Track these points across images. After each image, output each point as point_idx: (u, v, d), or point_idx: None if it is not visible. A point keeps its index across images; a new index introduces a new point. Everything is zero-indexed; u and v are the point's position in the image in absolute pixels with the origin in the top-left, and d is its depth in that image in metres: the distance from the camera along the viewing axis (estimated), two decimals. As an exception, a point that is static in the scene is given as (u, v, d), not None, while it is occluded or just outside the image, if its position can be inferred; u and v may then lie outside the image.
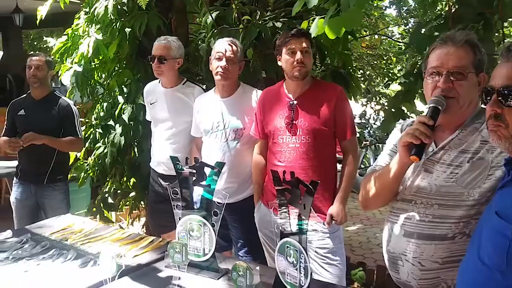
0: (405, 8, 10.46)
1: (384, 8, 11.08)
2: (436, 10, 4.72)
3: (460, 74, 1.50)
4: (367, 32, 11.12)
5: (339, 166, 2.55)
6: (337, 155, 2.58)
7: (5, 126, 3.39)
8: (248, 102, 2.71)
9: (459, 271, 1.36)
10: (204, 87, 3.08)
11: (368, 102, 10.86)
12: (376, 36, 10.75)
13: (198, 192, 2.45)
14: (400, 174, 1.58)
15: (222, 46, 2.65)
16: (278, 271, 1.75)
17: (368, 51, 11.46)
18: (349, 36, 3.61)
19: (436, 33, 2.72)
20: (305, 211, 1.66)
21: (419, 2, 4.06)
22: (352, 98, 3.78)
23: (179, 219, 2.01)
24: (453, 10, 2.82)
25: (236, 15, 3.10)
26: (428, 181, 1.57)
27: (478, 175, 1.48)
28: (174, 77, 2.97)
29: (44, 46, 13.22)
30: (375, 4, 10.51)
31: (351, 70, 3.83)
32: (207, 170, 1.99)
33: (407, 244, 1.58)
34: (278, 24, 3.22)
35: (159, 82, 3.06)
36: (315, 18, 2.40)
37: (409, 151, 1.46)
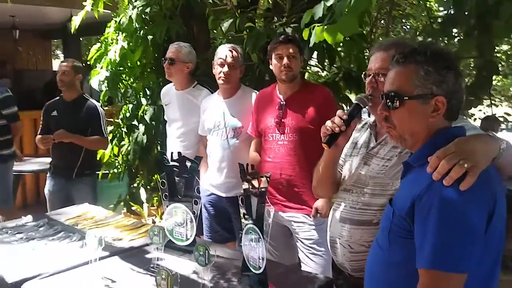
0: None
1: (441, 10, 10.83)
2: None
3: (383, 74, 1.62)
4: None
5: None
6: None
7: (40, 126, 3.77)
8: (247, 103, 2.90)
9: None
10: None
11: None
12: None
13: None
14: (329, 162, 1.76)
15: (224, 52, 2.87)
16: (244, 254, 1.94)
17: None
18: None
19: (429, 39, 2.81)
20: (262, 198, 1.85)
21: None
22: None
23: (166, 207, 2.24)
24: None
25: (240, 22, 3.30)
26: (364, 173, 1.72)
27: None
28: (184, 80, 3.21)
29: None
30: (427, 6, 10.32)
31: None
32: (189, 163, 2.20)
33: (341, 228, 1.74)
34: (289, 30, 3.39)
35: (174, 85, 3.31)
36: (315, 26, 2.57)
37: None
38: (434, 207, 1.14)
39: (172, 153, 2.24)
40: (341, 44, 3.48)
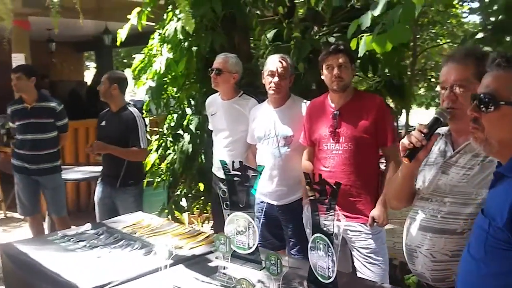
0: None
1: (466, 16, 10.80)
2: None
3: (462, 86, 1.66)
4: (444, 41, 10.89)
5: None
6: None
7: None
8: (297, 111, 2.93)
9: (458, 264, 1.50)
10: (265, 99, 3.35)
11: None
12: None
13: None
14: (407, 175, 1.76)
15: (274, 63, 2.91)
16: (311, 264, 1.96)
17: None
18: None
19: (480, 45, 2.78)
20: (332, 208, 1.86)
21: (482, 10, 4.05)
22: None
23: (228, 216, 2.27)
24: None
25: (287, 32, 3.34)
26: (444, 182, 1.73)
27: (486, 176, 1.61)
28: (230, 90, 3.26)
29: (133, 62, 14.41)
30: (451, 13, 10.29)
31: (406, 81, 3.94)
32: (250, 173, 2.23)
33: (421, 237, 1.75)
34: (332, 39, 3.42)
35: (219, 95, 3.37)
36: (363, 35, 2.59)
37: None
38: None
39: (233, 162, 2.28)
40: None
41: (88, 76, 13.18)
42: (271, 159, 2.93)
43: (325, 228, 1.88)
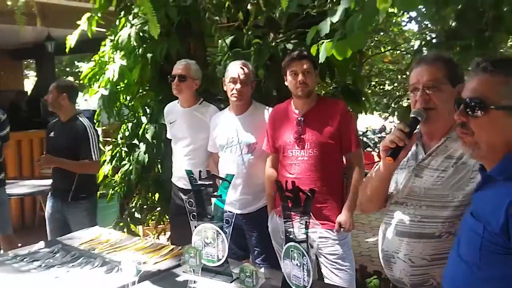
0: (427, 23, 10.53)
1: (405, 24, 11.20)
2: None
3: (434, 87, 1.67)
4: (386, 48, 11.24)
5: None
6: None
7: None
8: (260, 118, 2.89)
9: (445, 268, 1.49)
10: (222, 106, 3.29)
11: (391, 116, 10.96)
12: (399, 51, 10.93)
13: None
14: (386, 176, 1.75)
15: (235, 70, 2.85)
16: (285, 273, 1.91)
17: (389, 67, 11.65)
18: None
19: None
20: (306, 216, 1.83)
21: (430, 17, 4.19)
22: (363, 112, 3.95)
23: (195, 228, 2.19)
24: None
25: (247, 38, 3.30)
26: (418, 185, 1.73)
27: (461, 179, 1.63)
28: (192, 97, 3.19)
29: (76, 70, 13.90)
30: (393, 20, 10.64)
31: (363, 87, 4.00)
32: (219, 182, 2.16)
33: (398, 242, 1.73)
34: (289, 46, 3.41)
35: (178, 102, 3.28)
36: (323, 42, 2.59)
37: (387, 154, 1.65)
38: None
39: (200, 171, 2.20)
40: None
41: (28, 85, 12.60)
42: (235, 167, 2.86)
43: (298, 237, 1.85)
